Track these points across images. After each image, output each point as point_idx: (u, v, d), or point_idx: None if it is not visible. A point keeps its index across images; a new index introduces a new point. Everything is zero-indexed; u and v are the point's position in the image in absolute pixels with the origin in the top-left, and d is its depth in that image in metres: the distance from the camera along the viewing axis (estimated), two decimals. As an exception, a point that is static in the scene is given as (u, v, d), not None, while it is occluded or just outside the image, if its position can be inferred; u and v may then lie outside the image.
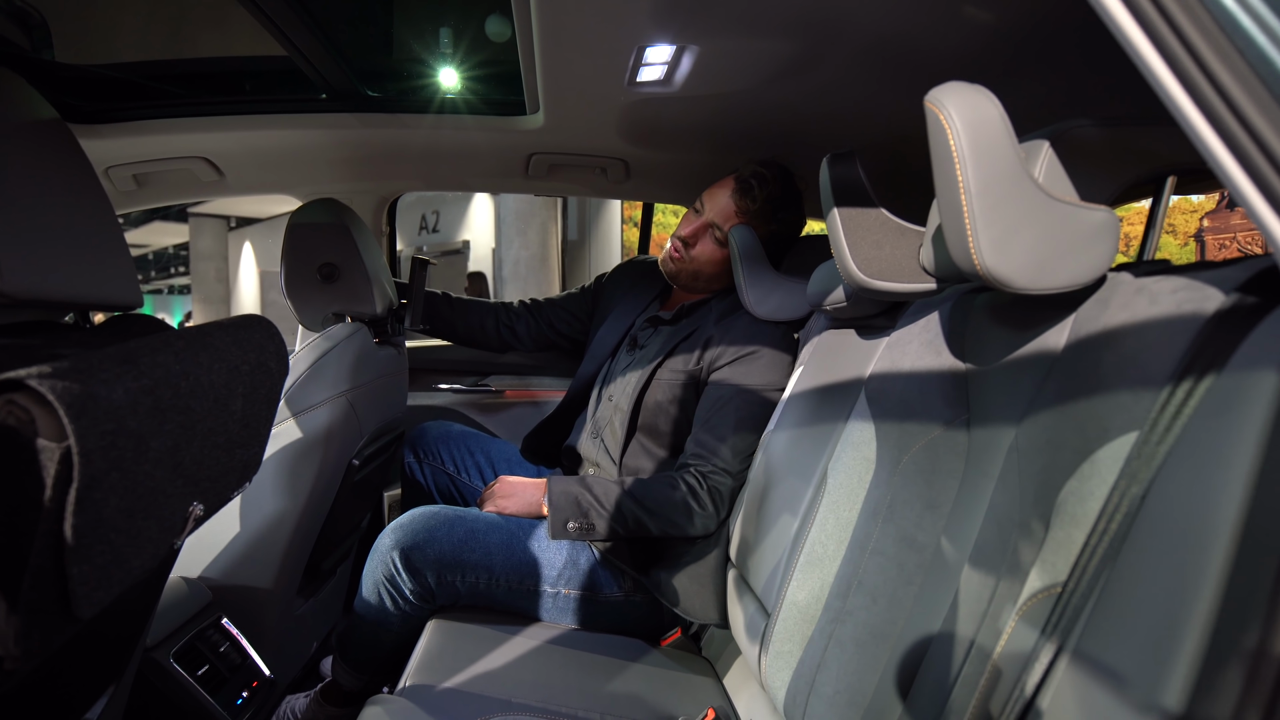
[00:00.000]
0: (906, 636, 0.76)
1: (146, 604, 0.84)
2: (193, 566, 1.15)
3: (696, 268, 1.41)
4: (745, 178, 1.36)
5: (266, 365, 0.80)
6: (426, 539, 1.21)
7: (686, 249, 1.40)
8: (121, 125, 1.38)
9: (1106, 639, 0.46)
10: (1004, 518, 0.66)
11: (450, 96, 1.42)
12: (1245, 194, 0.43)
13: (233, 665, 1.09)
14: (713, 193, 1.40)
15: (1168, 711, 0.39)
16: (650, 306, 1.53)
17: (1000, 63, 1.04)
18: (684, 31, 0.98)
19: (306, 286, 1.27)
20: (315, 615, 1.41)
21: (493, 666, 1.07)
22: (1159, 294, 0.57)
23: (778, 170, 1.38)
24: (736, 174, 1.38)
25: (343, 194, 1.66)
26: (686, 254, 1.40)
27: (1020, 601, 0.56)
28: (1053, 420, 0.63)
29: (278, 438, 1.16)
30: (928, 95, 0.63)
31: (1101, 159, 0.65)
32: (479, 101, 1.42)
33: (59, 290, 0.67)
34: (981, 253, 0.61)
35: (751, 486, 1.23)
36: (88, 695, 0.79)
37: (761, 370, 1.30)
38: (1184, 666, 0.39)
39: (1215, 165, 0.45)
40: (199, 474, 0.69)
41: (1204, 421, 0.46)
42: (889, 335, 1.00)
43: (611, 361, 1.49)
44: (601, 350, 1.51)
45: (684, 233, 1.40)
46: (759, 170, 1.36)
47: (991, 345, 0.77)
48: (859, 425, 0.96)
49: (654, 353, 1.38)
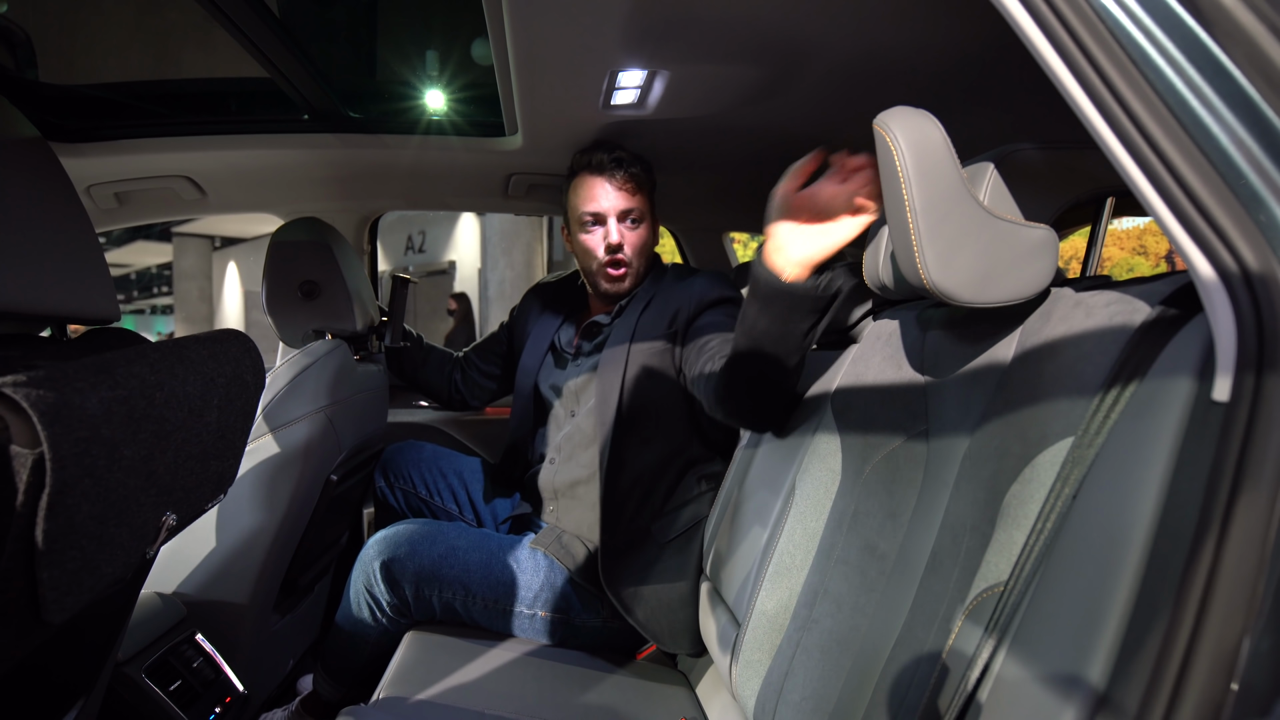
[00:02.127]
0: (869, 642, 0.78)
1: (119, 615, 0.84)
2: (168, 581, 1.15)
3: (639, 261, 1.38)
4: (593, 163, 1.33)
5: (243, 379, 0.82)
6: (408, 552, 1.22)
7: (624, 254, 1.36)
8: (104, 144, 1.39)
9: (1038, 633, 0.48)
10: (957, 524, 0.69)
11: (431, 118, 1.45)
12: (1159, 213, 0.47)
13: (206, 681, 1.09)
14: (590, 197, 1.35)
15: (1087, 698, 0.41)
16: (568, 322, 1.51)
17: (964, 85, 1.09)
18: (655, 57, 1.01)
19: (287, 303, 1.29)
20: (292, 632, 1.40)
21: (467, 679, 1.07)
22: (1094, 307, 0.60)
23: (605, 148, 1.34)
24: (587, 170, 1.34)
25: (325, 213, 1.67)
26: (627, 258, 1.37)
27: (967, 601, 0.59)
28: (1001, 428, 0.66)
29: (255, 452, 1.17)
30: (876, 119, 0.66)
31: (1043, 179, 0.69)
32: (459, 123, 1.45)
33: (36, 303, 0.68)
34: (928, 267, 0.64)
35: (725, 499, 1.25)
36: (57, 707, 0.80)
37: (734, 312, 1.25)
38: (1102, 656, 0.41)
39: (1133, 187, 0.48)
40: (172, 484, 0.70)
41: (1127, 425, 0.49)
42: (851, 351, 1.03)
43: (555, 380, 1.47)
44: (526, 378, 1.49)
45: (613, 240, 1.34)
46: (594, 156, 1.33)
47: (948, 359, 0.80)
48: (825, 438, 0.99)
49: (619, 339, 1.34)
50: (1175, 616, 0.39)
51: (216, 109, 1.49)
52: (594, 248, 1.37)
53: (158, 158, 1.45)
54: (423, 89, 1.45)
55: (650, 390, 1.31)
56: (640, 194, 1.36)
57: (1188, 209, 0.45)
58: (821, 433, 1.00)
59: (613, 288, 1.39)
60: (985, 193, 0.67)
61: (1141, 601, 0.42)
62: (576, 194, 1.37)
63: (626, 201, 1.34)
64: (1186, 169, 0.45)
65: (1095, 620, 0.43)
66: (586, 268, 1.42)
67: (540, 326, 1.52)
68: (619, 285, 1.39)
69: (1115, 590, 0.43)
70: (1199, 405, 0.45)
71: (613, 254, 1.36)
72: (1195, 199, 0.45)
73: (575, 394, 1.42)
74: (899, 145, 0.63)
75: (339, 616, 1.26)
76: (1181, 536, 0.41)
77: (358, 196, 1.69)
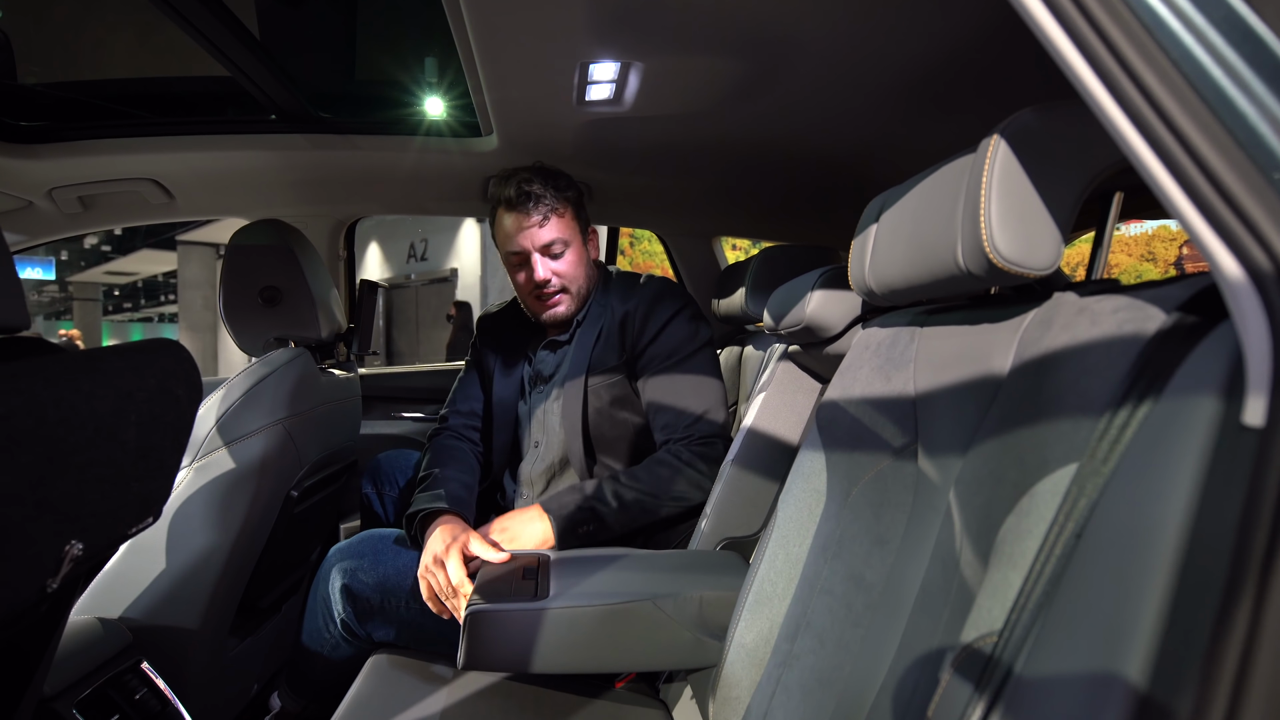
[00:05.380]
0: (853, 683, 0.71)
1: (35, 649, 0.77)
2: (112, 606, 1.08)
3: (575, 284, 1.33)
4: (504, 198, 1.27)
5: (171, 392, 0.75)
6: (371, 563, 1.15)
7: (550, 285, 1.30)
8: (64, 145, 1.34)
9: (1034, 699, 0.41)
10: (949, 556, 0.62)
11: (404, 118, 1.39)
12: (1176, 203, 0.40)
13: (150, 713, 1.02)
14: (506, 236, 1.30)
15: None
16: (532, 341, 1.43)
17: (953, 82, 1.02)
18: (626, 48, 0.95)
19: (246, 309, 1.23)
20: (254, 655, 1.33)
21: (430, 708, 1.00)
22: (1100, 314, 0.53)
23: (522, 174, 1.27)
24: (501, 205, 1.28)
25: (297, 218, 1.62)
26: (558, 287, 1.31)
27: (956, 650, 0.51)
28: (996, 451, 0.59)
29: (208, 468, 1.10)
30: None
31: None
32: (434, 124, 1.39)
33: None
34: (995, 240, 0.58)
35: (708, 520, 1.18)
36: (-39, 753, 0.73)
37: (685, 326, 1.29)
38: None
39: (1144, 172, 0.41)
40: (76, 510, 0.63)
41: (1140, 452, 0.42)
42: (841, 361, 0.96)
43: (517, 412, 1.41)
44: (505, 412, 1.42)
45: (540, 276, 1.29)
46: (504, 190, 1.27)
47: (939, 370, 0.73)
48: (810, 455, 0.92)
49: (575, 369, 1.32)
50: (1203, 690, 0.32)
51: (180, 109, 1.43)
52: (524, 284, 1.33)
53: (121, 159, 1.39)
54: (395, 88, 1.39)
55: (614, 422, 1.31)
56: (559, 220, 1.28)
57: (1209, 196, 0.38)
58: (807, 450, 0.93)
59: (552, 316, 1.34)
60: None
61: (1161, 668, 0.34)
62: (497, 231, 1.32)
63: (545, 235, 1.27)
64: (1208, 149, 0.38)
65: (1103, 691, 0.36)
66: (525, 303, 1.38)
67: (505, 357, 1.45)
68: (557, 313, 1.34)
69: (1127, 653, 0.35)
70: (1227, 430, 0.38)
71: (542, 289, 1.31)
72: (1219, 185, 0.38)
73: (541, 423, 1.37)
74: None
75: (303, 629, 1.20)
76: (1209, 590, 0.34)
77: (331, 201, 1.63)
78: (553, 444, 1.34)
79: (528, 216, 1.26)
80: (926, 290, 0.73)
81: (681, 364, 1.28)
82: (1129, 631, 0.36)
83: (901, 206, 0.77)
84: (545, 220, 1.27)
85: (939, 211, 0.67)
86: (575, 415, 1.30)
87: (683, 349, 1.29)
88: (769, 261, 1.37)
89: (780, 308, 1.12)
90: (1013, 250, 0.58)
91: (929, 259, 0.69)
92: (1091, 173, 0.58)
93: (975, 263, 0.60)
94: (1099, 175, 0.59)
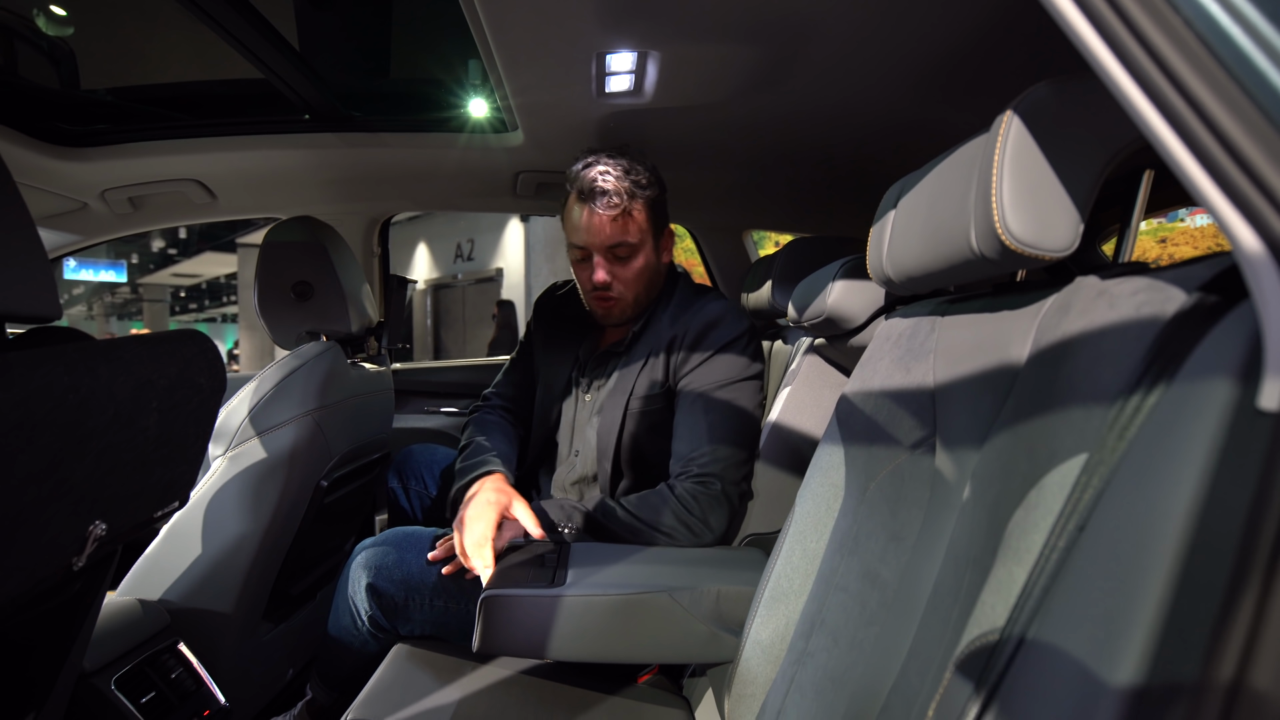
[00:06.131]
0: (864, 683, 0.69)
1: (70, 627, 0.81)
2: (152, 589, 1.12)
3: (633, 291, 1.27)
4: (581, 187, 1.18)
5: (193, 381, 0.77)
6: (396, 559, 1.17)
7: (610, 289, 1.25)
8: (114, 148, 1.40)
9: (1027, 697, 0.38)
10: (960, 555, 0.59)
11: (433, 116, 1.41)
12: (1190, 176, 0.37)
13: (184, 692, 1.05)
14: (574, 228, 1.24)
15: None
16: (587, 341, 1.38)
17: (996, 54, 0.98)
18: (642, 37, 0.94)
19: (279, 304, 1.26)
20: (287, 640, 1.37)
21: (448, 699, 1.01)
22: (1119, 297, 0.50)
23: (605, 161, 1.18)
24: (576, 194, 1.21)
25: (332, 215, 1.66)
26: (616, 294, 1.26)
27: (958, 650, 0.49)
28: (1009, 443, 0.56)
29: (240, 457, 1.14)
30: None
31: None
32: (461, 120, 1.40)
33: None
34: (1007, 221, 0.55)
35: (730, 515, 1.17)
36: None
37: (729, 361, 1.21)
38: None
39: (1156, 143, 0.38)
40: (97, 493, 0.66)
41: (1148, 439, 0.39)
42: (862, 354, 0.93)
43: (561, 411, 1.37)
44: (548, 410, 1.37)
45: (599, 279, 1.23)
46: (582, 177, 1.18)
47: (958, 360, 0.70)
48: (829, 449, 0.89)
49: (620, 386, 1.27)
50: (1201, 686, 0.30)
51: (220, 111, 1.48)
52: (583, 280, 1.28)
53: (167, 160, 1.45)
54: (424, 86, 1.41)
55: (647, 449, 1.26)
56: (632, 223, 1.21)
57: (1227, 167, 0.35)
58: (826, 444, 0.91)
59: (606, 319, 1.30)
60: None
61: (1157, 667, 0.32)
62: (566, 218, 1.25)
63: (614, 235, 1.20)
64: (1224, 116, 0.35)
65: (1094, 692, 0.33)
66: (582, 294, 1.33)
67: (557, 352, 1.40)
68: (610, 318, 1.30)
69: (1122, 651, 0.33)
70: (1241, 414, 0.35)
71: (600, 290, 1.25)
72: (1237, 154, 0.35)
73: (581, 433, 1.34)
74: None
75: (329, 622, 1.22)
76: (1212, 586, 0.32)
77: (364, 198, 1.66)
78: (588, 458, 1.31)
79: (598, 213, 1.18)
80: (943, 277, 0.71)
81: (712, 395, 1.20)
82: (1125, 628, 0.34)
83: (918, 191, 0.74)
84: (615, 220, 1.19)
85: (953, 194, 0.64)
86: (610, 436, 1.25)
87: (719, 381, 1.21)
88: (795, 253, 1.34)
89: (803, 299, 1.10)
90: (1026, 231, 0.55)
91: (944, 244, 0.66)
92: (1112, 149, 0.55)
93: (988, 245, 0.58)
94: (1121, 151, 0.56)
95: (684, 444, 1.19)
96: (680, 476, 1.17)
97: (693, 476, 1.16)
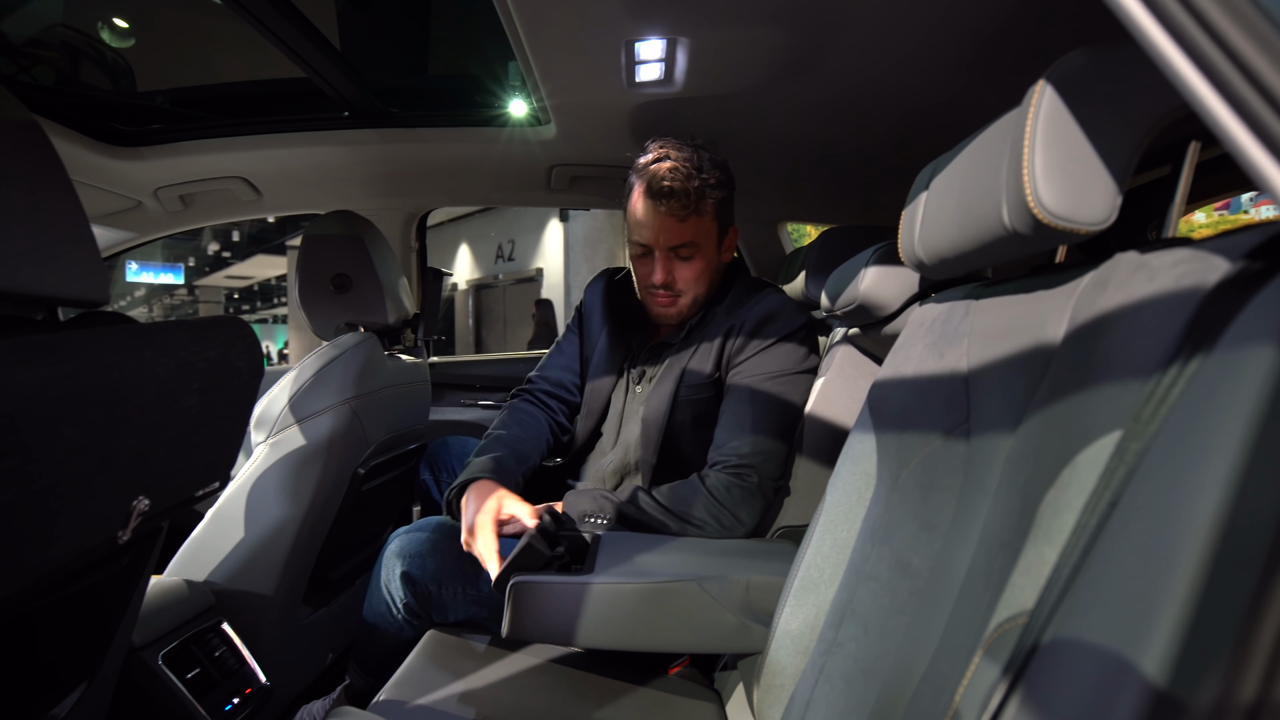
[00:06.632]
0: (894, 673, 0.67)
1: (118, 603, 0.84)
2: (198, 570, 1.16)
3: (693, 290, 1.26)
4: (649, 180, 1.15)
5: (232, 365, 0.80)
6: (430, 547, 1.18)
7: (669, 289, 1.24)
8: (165, 147, 1.45)
9: (1054, 679, 0.37)
10: (992, 539, 0.57)
11: (468, 111, 1.43)
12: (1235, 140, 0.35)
13: (227, 670, 1.09)
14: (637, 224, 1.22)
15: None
16: (640, 332, 1.37)
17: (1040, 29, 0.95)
18: (669, 23, 0.94)
19: (318, 296, 1.29)
20: (327, 625, 1.40)
21: (477, 685, 1.02)
22: (1159, 269, 0.48)
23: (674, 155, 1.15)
24: (642, 186, 1.17)
25: (372, 211, 1.69)
26: (676, 291, 1.24)
27: (986, 633, 0.48)
28: (1041, 424, 0.54)
29: (281, 444, 1.17)
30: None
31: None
32: (495, 114, 1.42)
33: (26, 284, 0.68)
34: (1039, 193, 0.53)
35: (762, 505, 1.15)
36: (55, 691, 0.80)
37: (781, 354, 1.20)
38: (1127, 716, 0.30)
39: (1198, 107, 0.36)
40: (140, 469, 0.68)
41: (1186, 410, 0.38)
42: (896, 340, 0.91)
43: (610, 401, 1.36)
44: (596, 399, 1.36)
45: (658, 278, 1.22)
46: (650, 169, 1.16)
47: (993, 343, 0.68)
48: (860, 437, 0.88)
49: (668, 376, 1.27)
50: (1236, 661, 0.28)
51: (265, 110, 1.53)
52: (642, 276, 1.27)
53: (216, 158, 1.50)
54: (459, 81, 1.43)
55: (692, 441, 1.25)
56: (696, 221, 1.18)
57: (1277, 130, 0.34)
58: (857, 432, 0.89)
59: (661, 317, 1.29)
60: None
61: (1189, 650, 0.30)
62: (628, 211, 1.23)
63: (678, 234, 1.18)
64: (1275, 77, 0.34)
65: (1120, 673, 0.32)
66: (638, 289, 1.32)
67: (609, 340, 1.39)
68: (667, 314, 1.28)
69: (1150, 632, 0.32)
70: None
71: (658, 289, 1.24)
72: None
73: (627, 422, 1.33)
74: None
75: (365, 608, 1.25)
76: (1249, 557, 0.30)
77: (402, 193, 1.70)
78: (631, 446, 1.30)
79: (663, 212, 1.16)
80: (976, 258, 0.69)
81: (761, 387, 1.19)
82: (1156, 603, 0.32)
83: (950, 170, 0.72)
84: (681, 220, 1.17)
85: (984, 169, 0.63)
86: (656, 424, 1.25)
87: (771, 373, 1.19)
88: (829, 243, 1.32)
89: (836, 287, 1.08)
90: (1059, 204, 0.53)
91: (975, 222, 0.64)
92: (1153, 117, 0.53)
93: (1020, 220, 0.56)
94: (1163, 119, 0.53)
95: (726, 432, 1.18)
96: (716, 466, 1.17)
97: (729, 467, 1.15)
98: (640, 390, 1.33)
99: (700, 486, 1.15)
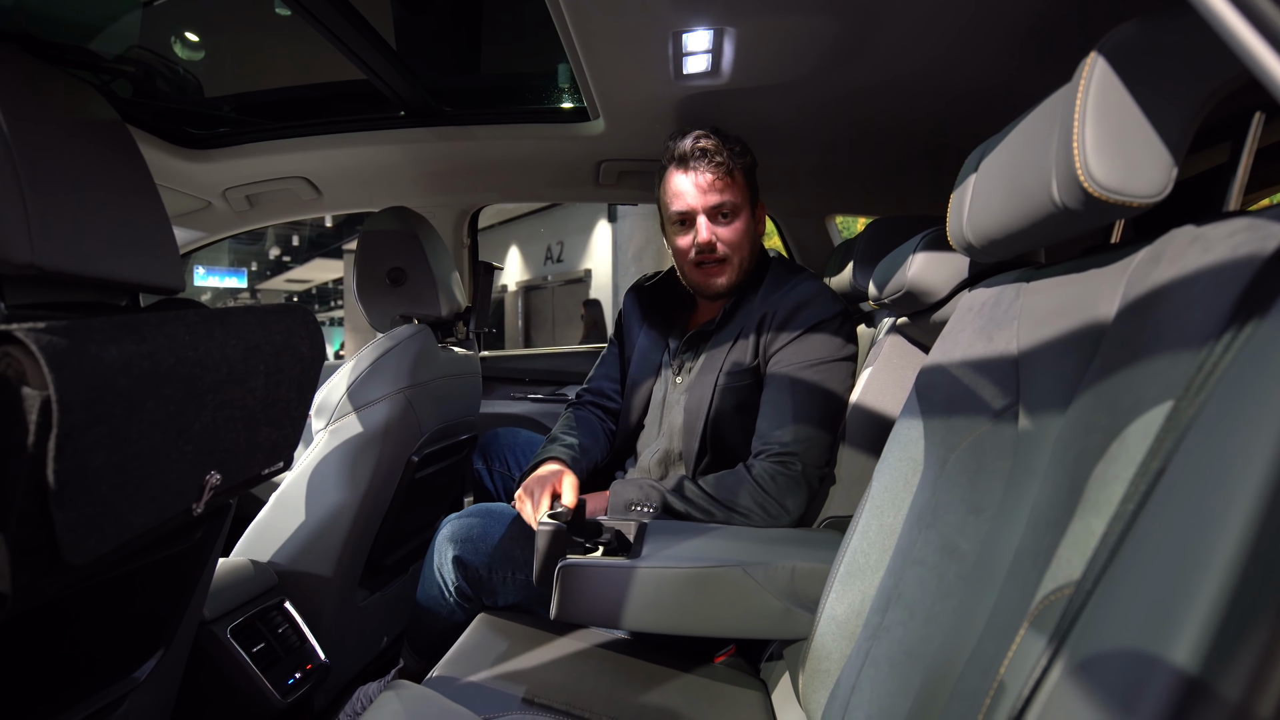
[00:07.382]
0: (941, 655, 0.67)
1: (191, 576, 0.89)
2: (262, 550, 1.22)
3: (738, 254, 1.28)
4: (677, 156, 1.22)
5: (296, 350, 0.84)
6: (480, 533, 1.22)
7: (714, 250, 1.27)
8: (232, 149, 1.53)
9: (1097, 645, 0.37)
10: (1040, 518, 0.57)
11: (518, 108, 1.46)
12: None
13: (289, 647, 1.14)
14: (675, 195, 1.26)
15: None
16: (676, 326, 1.41)
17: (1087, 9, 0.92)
18: (717, 14, 0.95)
19: (375, 289, 1.35)
20: (383, 609, 1.45)
21: (526, 665, 1.05)
22: (1214, 240, 0.47)
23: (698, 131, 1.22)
24: (673, 164, 1.24)
25: (425, 208, 1.74)
26: (722, 254, 1.27)
27: (1033, 605, 0.47)
28: (1092, 401, 0.53)
29: (340, 431, 1.22)
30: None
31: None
32: (545, 110, 1.45)
33: (112, 271, 0.73)
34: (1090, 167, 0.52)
35: (807, 494, 1.15)
36: (133, 657, 0.85)
37: (819, 341, 1.21)
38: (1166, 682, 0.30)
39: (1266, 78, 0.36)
40: (213, 445, 0.72)
41: (1237, 377, 0.37)
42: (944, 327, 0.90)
43: (652, 394, 1.39)
44: (638, 394, 1.39)
45: (703, 238, 1.25)
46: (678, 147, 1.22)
47: (1043, 324, 0.67)
48: (907, 423, 0.87)
49: (709, 365, 1.29)
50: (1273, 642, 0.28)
51: (323, 111, 1.59)
52: (686, 248, 1.29)
53: (279, 159, 1.57)
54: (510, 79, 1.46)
55: (734, 428, 1.26)
56: (732, 184, 1.24)
57: None
58: (904, 418, 0.89)
59: (711, 286, 1.31)
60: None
61: (1232, 611, 0.30)
62: (665, 192, 1.29)
63: (715, 196, 1.23)
64: None
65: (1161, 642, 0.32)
66: (682, 269, 1.35)
67: (647, 338, 1.43)
68: (717, 283, 1.30)
69: (1194, 595, 0.31)
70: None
71: (704, 253, 1.27)
72: None
73: (670, 413, 1.35)
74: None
75: (418, 594, 1.29)
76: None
77: (455, 191, 1.74)
78: (674, 437, 1.32)
79: (699, 174, 1.22)
80: (1026, 238, 0.68)
81: (799, 375, 1.20)
82: (1200, 569, 0.32)
83: (1000, 151, 0.71)
84: (718, 180, 1.23)
85: (1035, 147, 0.62)
86: (698, 413, 1.27)
87: (808, 360, 1.21)
88: (877, 233, 1.31)
89: (884, 275, 1.08)
90: (1111, 176, 0.52)
91: (1025, 200, 0.63)
92: (1210, 87, 0.51)
93: (1070, 195, 0.55)
94: (1221, 89, 0.52)
95: (768, 422, 1.19)
96: (760, 455, 1.17)
97: (773, 456, 1.16)
98: (681, 381, 1.35)
99: (745, 475, 1.16)
